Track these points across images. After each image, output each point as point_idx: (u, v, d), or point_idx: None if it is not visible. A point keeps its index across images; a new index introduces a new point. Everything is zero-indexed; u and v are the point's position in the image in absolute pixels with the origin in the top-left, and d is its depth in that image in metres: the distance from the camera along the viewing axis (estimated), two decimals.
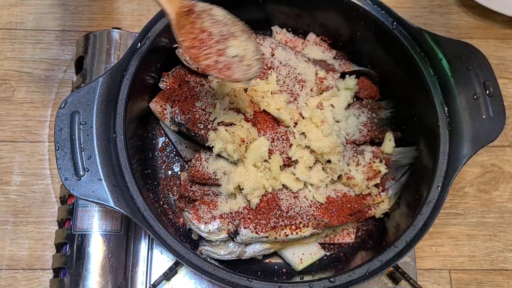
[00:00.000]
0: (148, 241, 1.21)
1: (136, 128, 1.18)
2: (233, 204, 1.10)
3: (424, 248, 1.33)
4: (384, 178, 1.22)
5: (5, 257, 1.29)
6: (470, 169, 1.41)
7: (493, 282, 1.32)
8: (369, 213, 1.20)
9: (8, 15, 1.48)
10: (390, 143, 1.23)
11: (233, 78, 0.97)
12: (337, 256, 1.21)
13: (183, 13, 0.98)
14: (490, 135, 1.07)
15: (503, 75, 1.49)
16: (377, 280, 1.20)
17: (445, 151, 1.08)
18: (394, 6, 1.50)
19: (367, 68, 1.30)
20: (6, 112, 1.39)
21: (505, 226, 1.36)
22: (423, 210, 1.04)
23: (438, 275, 1.32)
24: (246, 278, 0.98)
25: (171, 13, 0.97)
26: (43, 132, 1.38)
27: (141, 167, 1.19)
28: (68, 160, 1.00)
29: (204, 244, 1.12)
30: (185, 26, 0.98)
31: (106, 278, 1.14)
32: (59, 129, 1.01)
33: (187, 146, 1.23)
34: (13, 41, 1.46)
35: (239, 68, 0.97)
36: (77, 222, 1.17)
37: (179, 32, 0.97)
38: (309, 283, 0.98)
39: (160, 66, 1.21)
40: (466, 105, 1.09)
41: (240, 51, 0.98)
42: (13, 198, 1.33)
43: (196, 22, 0.98)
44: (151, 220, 1.00)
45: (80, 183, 0.99)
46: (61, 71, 1.44)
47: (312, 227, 1.11)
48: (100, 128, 1.03)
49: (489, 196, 1.38)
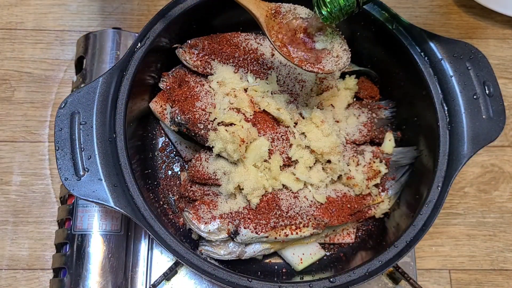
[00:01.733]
0: (148, 241, 1.22)
1: (136, 128, 1.18)
2: (233, 204, 1.10)
3: (424, 248, 1.33)
4: (384, 178, 1.22)
5: (5, 257, 1.29)
6: (470, 169, 1.41)
7: (493, 282, 1.32)
8: (369, 213, 1.20)
9: (8, 15, 1.48)
10: (390, 143, 1.23)
11: (326, 70, 1.02)
12: (337, 256, 1.21)
13: (271, 16, 1.03)
14: (490, 135, 1.07)
15: (503, 75, 1.49)
16: (377, 280, 1.20)
17: (445, 151, 1.08)
18: (394, 6, 1.50)
19: (367, 68, 1.30)
20: (6, 112, 1.39)
21: (505, 226, 1.36)
22: (423, 210, 1.04)
23: (438, 275, 1.32)
24: (246, 278, 0.98)
25: (260, 16, 1.02)
26: (43, 132, 1.38)
27: (141, 167, 1.19)
28: (68, 160, 1.00)
29: (204, 244, 1.12)
30: (273, 27, 1.03)
31: (106, 278, 1.14)
32: (59, 129, 1.01)
33: (187, 146, 1.24)
34: (13, 41, 1.46)
35: (330, 60, 1.03)
36: (77, 222, 1.17)
37: (270, 34, 1.03)
38: (309, 283, 0.98)
39: (160, 66, 1.21)
40: (466, 105, 1.09)
41: (327, 44, 1.04)
42: (13, 198, 1.33)
43: (283, 22, 1.04)
44: (151, 220, 1.00)
45: (80, 183, 0.99)
46: (61, 71, 1.44)
47: (312, 227, 1.11)
48: (100, 128, 1.03)
49: (489, 196, 1.38)
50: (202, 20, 1.22)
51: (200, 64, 1.18)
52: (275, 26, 1.04)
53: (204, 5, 1.17)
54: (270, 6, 1.04)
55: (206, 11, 1.20)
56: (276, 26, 1.04)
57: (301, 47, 1.04)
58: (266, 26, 1.02)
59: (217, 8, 1.21)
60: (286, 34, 1.04)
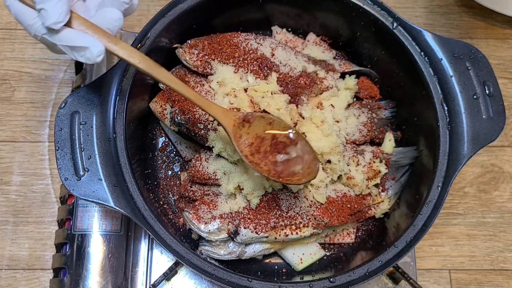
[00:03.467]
0: (148, 241, 1.21)
1: (136, 128, 1.18)
2: (233, 204, 1.11)
3: (424, 248, 1.33)
4: (384, 178, 1.22)
5: (5, 257, 1.29)
6: (470, 169, 1.40)
7: (493, 282, 1.32)
8: (369, 213, 1.20)
9: (8, 15, 1.48)
10: (390, 143, 1.23)
11: (295, 181, 1.00)
12: (337, 256, 1.21)
13: (238, 125, 1.02)
14: (490, 135, 1.07)
15: (503, 75, 1.49)
16: (377, 280, 1.20)
17: (445, 151, 1.08)
18: (394, 6, 1.50)
19: (367, 68, 1.30)
20: (6, 112, 1.39)
21: (505, 226, 1.36)
22: (423, 210, 1.04)
23: (438, 275, 1.32)
24: (246, 278, 0.98)
25: (228, 126, 1.01)
26: (43, 132, 1.38)
27: (141, 167, 1.19)
28: (68, 160, 1.00)
29: (204, 244, 1.12)
30: (242, 136, 1.02)
31: (106, 278, 1.14)
32: (59, 129, 1.01)
33: (187, 146, 1.24)
34: (13, 41, 1.46)
35: (298, 169, 1.01)
36: (77, 222, 1.17)
37: (238, 143, 1.01)
38: (309, 283, 0.98)
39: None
40: (466, 105, 1.09)
41: (297, 153, 1.02)
42: (13, 198, 1.33)
43: (251, 131, 1.02)
44: (151, 220, 1.00)
45: (80, 183, 0.99)
46: (61, 71, 1.44)
47: (312, 227, 1.11)
48: (100, 128, 1.03)
49: (489, 196, 1.38)
50: (202, 20, 1.22)
51: (200, 64, 1.18)
52: (244, 135, 1.02)
53: (204, 5, 1.17)
54: (238, 115, 1.02)
55: (206, 11, 1.20)
56: (245, 135, 1.02)
57: (269, 156, 1.01)
58: (234, 136, 1.01)
59: (217, 8, 1.21)
60: (254, 143, 1.02)
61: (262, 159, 1.01)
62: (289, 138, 1.02)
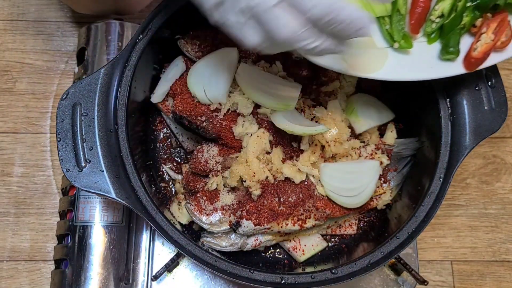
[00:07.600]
0: (149, 232, 1.22)
1: (138, 119, 1.18)
2: (235, 196, 1.10)
3: (426, 240, 1.33)
4: (386, 170, 1.21)
5: (7, 249, 1.29)
6: (472, 160, 1.40)
7: (495, 273, 1.32)
8: (371, 204, 1.20)
9: (10, 6, 1.48)
10: (392, 134, 1.22)
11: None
12: (339, 248, 1.22)
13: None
14: (492, 126, 1.07)
15: (505, 66, 1.48)
16: (379, 271, 1.20)
17: (447, 142, 1.07)
18: None
19: None
20: (8, 103, 1.39)
21: (507, 217, 1.36)
22: (425, 201, 1.04)
23: (440, 266, 1.32)
24: (248, 270, 0.98)
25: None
26: (44, 123, 1.38)
27: (143, 159, 1.19)
28: (69, 151, 1.00)
29: (206, 236, 1.12)
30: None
31: (108, 269, 1.15)
32: (60, 120, 1.01)
33: (188, 137, 1.23)
34: (14, 32, 1.46)
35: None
36: (79, 214, 1.17)
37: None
38: (311, 275, 0.98)
39: (162, 57, 1.21)
40: (468, 96, 1.09)
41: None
42: (14, 190, 1.33)
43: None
44: (153, 211, 1.00)
45: (81, 174, 0.99)
46: (62, 62, 1.44)
47: (314, 218, 1.11)
48: (101, 120, 1.03)
49: (491, 187, 1.38)
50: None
51: (202, 55, 1.17)
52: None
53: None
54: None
55: None
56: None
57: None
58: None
59: None
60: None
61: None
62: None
